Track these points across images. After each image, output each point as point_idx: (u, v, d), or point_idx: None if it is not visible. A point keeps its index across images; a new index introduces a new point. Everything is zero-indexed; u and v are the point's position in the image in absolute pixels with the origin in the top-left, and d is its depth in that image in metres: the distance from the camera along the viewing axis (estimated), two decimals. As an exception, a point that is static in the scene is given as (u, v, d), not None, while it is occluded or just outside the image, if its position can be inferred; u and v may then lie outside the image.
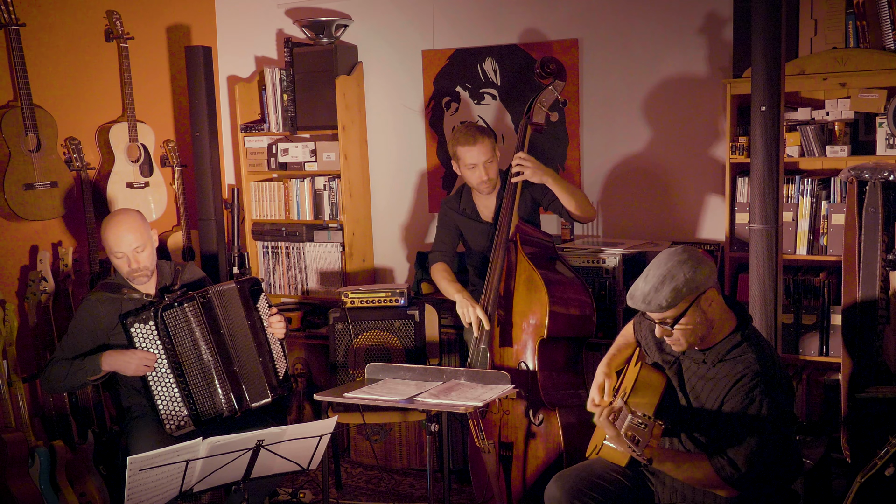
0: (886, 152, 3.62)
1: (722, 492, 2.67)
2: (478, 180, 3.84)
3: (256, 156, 4.93)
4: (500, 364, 3.67)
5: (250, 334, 3.46)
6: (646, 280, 2.66)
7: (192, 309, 3.34)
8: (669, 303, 2.60)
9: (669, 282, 2.60)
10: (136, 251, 3.35)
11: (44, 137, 4.07)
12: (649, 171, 4.35)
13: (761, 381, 2.61)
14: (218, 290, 3.42)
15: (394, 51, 4.80)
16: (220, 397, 3.34)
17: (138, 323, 3.27)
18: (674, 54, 4.22)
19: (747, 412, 2.60)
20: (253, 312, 3.48)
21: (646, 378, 2.81)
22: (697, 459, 2.68)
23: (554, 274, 3.68)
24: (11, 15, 3.94)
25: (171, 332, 3.29)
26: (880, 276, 3.28)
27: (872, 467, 2.52)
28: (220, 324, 3.38)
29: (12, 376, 3.72)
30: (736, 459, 2.60)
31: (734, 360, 2.68)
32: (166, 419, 3.29)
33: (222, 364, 3.36)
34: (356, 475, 4.39)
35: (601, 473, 2.86)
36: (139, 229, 3.37)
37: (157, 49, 4.86)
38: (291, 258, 4.93)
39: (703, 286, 2.63)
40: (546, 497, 2.88)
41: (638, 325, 3.05)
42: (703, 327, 2.67)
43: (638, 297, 2.65)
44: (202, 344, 3.34)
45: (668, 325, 2.65)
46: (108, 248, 3.38)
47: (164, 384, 3.29)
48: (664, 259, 2.67)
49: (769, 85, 3.22)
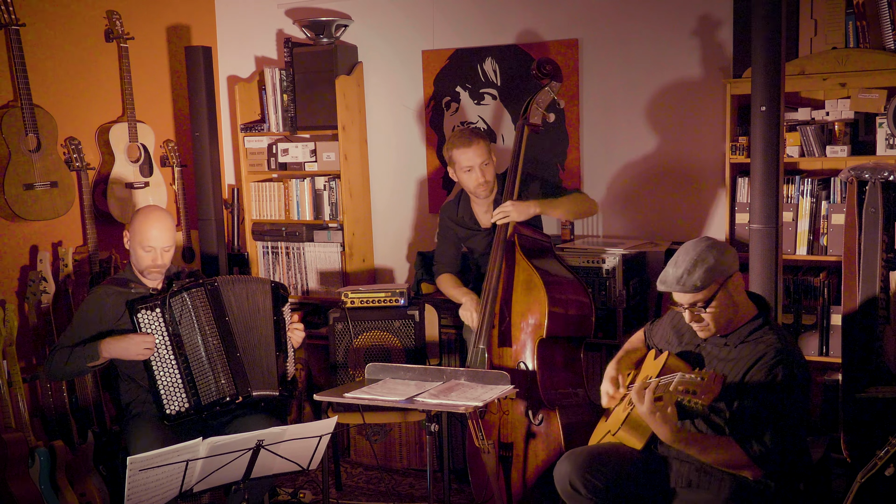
0: (886, 152, 3.62)
1: (748, 472, 2.70)
2: (475, 183, 3.84)
3: (256, 156, 4.93)
4: (498, 364, 3.67)
5: (273, 328, 3.52)
6: (676, 266, 2.76)
7: (200, 294, 3.40)
8: (703, 283, 2.70)
9: (701, 264, 2.71)
10: (165, 250, 3.44)
11: (44, 137, 4.07)
12: (649, 171, 4.35)
13: (783, 358, 2.68)
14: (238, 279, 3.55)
15: (394, 51, 4.80)
16: (221, 382, 3.36)
17: (146, 309, 3.34)
18: (674, 54, 4.22)
19: (770, 389, 2.66)
20: (279, 311, 3.56)
21: (674, 363, 2.86)
22: (724, 441, 2.72)
23: (552, 274, 3.68)
24: (11, 15, 3.94)
25: (178, 318, 3.35)
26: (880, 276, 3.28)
27: (872, 467, 2.52)
28: (227, 311, 3.43)
29: (12, 376, 3.72)
30: (763, 437, 2.64)
31: (755, 341, 2.77)
32: (167, 402, 3.32)
33: (226, 350, 3.39)
34: (356, 475, 4.39)
35: (613, 452, 2.89)
36: (171, 229, 3.48)
37: (157, 49, 4.86)
38: (291, 258, 4.93)
39: (731, 269, 2.76)
40: (556, 473, 2.90)
41: (649, 332, 3.12)
42: (730, 310, 2.76)
43: (671, 281, 2.74)
44: (207, 329, 3.39)
45: (700, 308, 2.74)
46: (138, 239, 3.42)
47: (166, 369, 3.33)
48: (691, 246, 2.78)
49: (769, 85, 3.22)
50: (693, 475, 2.78)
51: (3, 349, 3.70)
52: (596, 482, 2.78)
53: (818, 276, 3.78)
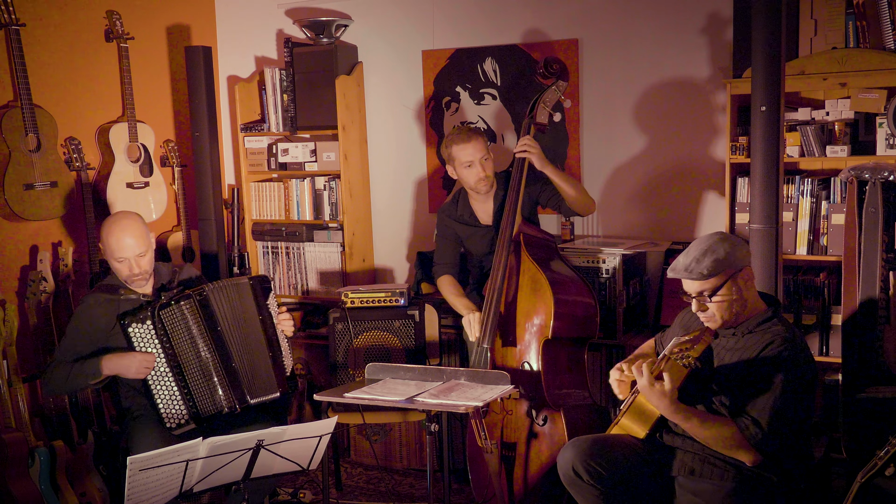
0: (886, 152, 3.62)
1: (745, 455, 2.73)
2: (476, 178, 3.84)
3: (256, 156, 4.93)
4: (502, 364, 3.67)
5: (261, 329, 3.45)
6: (686, 255, 2.83)
7: (189, 306, 3.32)
8: (710, 271, 2.75)
9: (710, 254, 2.78)
10: (139, 256, 3.34)
11: (44, 137, 4.07)
12: (649, 171, 4.35)
13: (789, 346, 2.74)
14: (223, 285, 3.41)
15: (394, 51, 4.80)
16: (219, 394, 3.33)
17: (136, 323, 3.27)
18: (674, 54, 4.22)
19: (773, 374, 2.71)
20: (263, 308, 3.48)
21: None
22: (722, 419, 2.76)
23: (558, 274, 3.68)
24: (11, 15, 3.94)
25: (169, 331, 3.28)
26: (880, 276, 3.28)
27: (872, 467, 2.53)
28: (218, 321, 3.36)
29: (12, 376, 3.72)
30: (760, 419, 2.68)
31: (763, 331, 2.81)
32: (167, 417, 3.29)
33: (220, 361, 3.34)
34: (356, 475, 4.39)
35: (617, 441, 2.91)
36: (141, 234, 3.36)
37: (157, 49, 4.86)
38: (291, 258, 4.93)
39: (741, 263, 2.81)
40: (559, 460, 2.92)
41: (660, 340, 3.17)
42: (737, 304, 2.80)
43: (680, 267, 2.81)
44: (200, 341, 3.33)
45: (706, 297, 2.78)
46: (109, 253, 3.35)
47: (163, 383, 3.29)
48: (704, 238, 2.86)
49: (769, 85, 3.23)
50: (696, 464, 2.80)
51: (3, 349, 3.70)
52: (598, 469, 2.81)
53: (818, 276, 3.78)
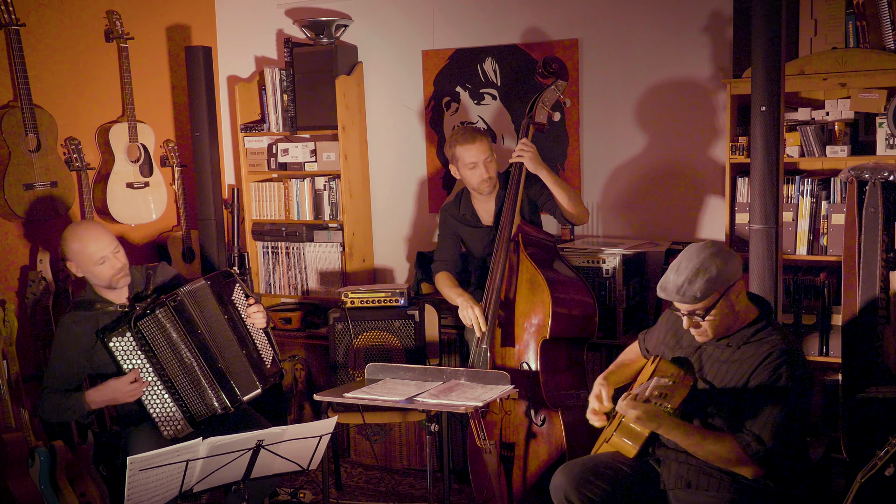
0: (886, 152, 3.62)
1: (746, 470, 2.68)
2: (478, 179, 3.84)
3: (256, 156, 4.93)
4: (501, 364, 3.67)
5: (229, 328, 3.40)
6: (677, 272, 2.70)
7: (165, 314, 3.28)
8: (703, 293, 2.65)
9: (703, 274, 2.66)
10: (115, 252, 3.34)
11: (44, 137, 4.07)
12: (649, 171, 4.35)
13: (787, 358, 2.67)
14: (188, 290, 3.35)
15: (394, 51, 4.80)
16: (210, 396, 3.31)
17: (116, 337, 3.23)
18: (674, 54, 4.22)
19: (773, 388, 2.65)
20: (228, 306, 3.43)
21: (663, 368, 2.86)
22: (722, 436, 2.70)
23: (556, 274, 3.68)
24: (11, 15, 3.94)
25: (150, 341, 3.25)
26: (880, 276, 3.28)
27: (872, 467, 2.53)
28: (197, 324, 3.32)
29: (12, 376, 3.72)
30: (762, 434, 2.63)
31: (759, 341, 2.74)
32: (162, 425, 3.27)
33: (206, 363, 3.32)
34: (356, 475, 4.39)
35: (607, 463, 2.88)
36: (105, 232, 3.38)
37: (157, 49, 4.86)
38: (291, 258, 4.93)
39: (734, 278, 2.70)
40: (552, 487, 2.90)
41: (644, 341, 3.13)
42: (729, 318, 2.73)
43: (671, 289, 2.69)
44: (182, 346, 3.29)
45: (699, 317, 2.70)
46: (85, 260, 3.31)
47: (153, 392, 3.27)
48: (695, 252, 2.72)
49: (769, 85, 3.22)
50: (692, 476, 2.76)
51: (2, 349, 3.70)
52: (591, 495, 2.79)
53: (818, 276, 3.78)
